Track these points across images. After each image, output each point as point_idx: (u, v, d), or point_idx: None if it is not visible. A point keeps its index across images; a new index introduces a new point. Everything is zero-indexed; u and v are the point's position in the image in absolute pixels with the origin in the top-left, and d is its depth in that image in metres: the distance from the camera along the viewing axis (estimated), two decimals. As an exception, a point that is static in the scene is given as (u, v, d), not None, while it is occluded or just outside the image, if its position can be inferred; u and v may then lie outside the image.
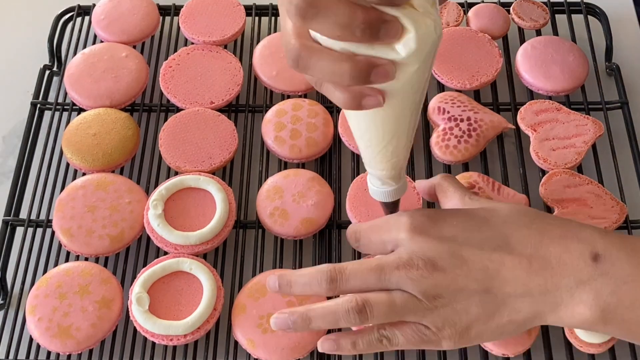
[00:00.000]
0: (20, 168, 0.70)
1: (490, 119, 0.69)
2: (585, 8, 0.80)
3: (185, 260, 0.62)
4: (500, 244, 0.52)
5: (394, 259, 0.52)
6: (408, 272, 0.51)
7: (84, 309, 0.60)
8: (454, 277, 0.51)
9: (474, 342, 0.53)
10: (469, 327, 0.51)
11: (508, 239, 0.52)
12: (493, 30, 0.77)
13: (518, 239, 0.52)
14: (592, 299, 0.50)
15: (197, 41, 0.77)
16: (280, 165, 0.70)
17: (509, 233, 0.52)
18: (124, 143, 0.69)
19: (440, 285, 0.51)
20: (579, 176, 0.66)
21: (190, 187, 0.66)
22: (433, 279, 0.51)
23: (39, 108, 0.75)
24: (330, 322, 0.52)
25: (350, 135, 0.70)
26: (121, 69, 0.74)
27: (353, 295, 0.52)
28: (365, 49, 0.43)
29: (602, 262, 0.50)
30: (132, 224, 0.65)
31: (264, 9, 0.81)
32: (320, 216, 0.65)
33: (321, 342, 0.54)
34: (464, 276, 0.51)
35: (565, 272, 0.50)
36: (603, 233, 0.52)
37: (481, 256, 0.51)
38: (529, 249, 0.51)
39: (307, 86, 0.73)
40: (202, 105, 0.72)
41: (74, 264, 0.63)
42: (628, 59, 0.79)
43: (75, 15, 0.81)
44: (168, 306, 0.61)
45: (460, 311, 0.51)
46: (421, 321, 0.52)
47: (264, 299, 0.61)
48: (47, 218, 0.67)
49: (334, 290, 0.53)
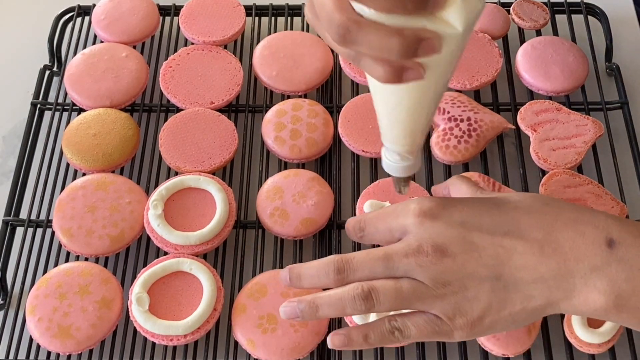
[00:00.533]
0: (20, 168, 0.70)
1: (490, 119, 0.69)
2: (585, 8, 0.80)
3: (185, 261, 0.62)
4: (511, 229, 0.50)
5: (403, 246, 0.51)
6: (417, 259, 0.50)
7: (84, 309, 0.60)
8: (463, 263, 0.50)
9: (487, 332, 0.51)
10: (482, 317, 0.50)
11: (519, 223, 0.50)
12: (493, 30, 0.77)
13: (530, 223, 0.50)
14: (607, 286, 0.48)
15: (197, 41, 0.77)
16: (280, 165, 0.70)
17: (520, 218, 0.51)
18: (124, 143, 0.69)
19: (450, 272, 0.50)
20: (579, 176, 0.67)
21: (190, 187, 0.66)
22: (442, 265, 0.50)
23: (39, 108, 0.75)
24: (337, 309, 0.52)
25: (351, 135, 0.70)
26: (121, 69, 0.74)
27: (360, 282, 0.51)
28: (413, 21, 0.43)
29: (617, 248, 0.48)
30: (132, 224, 0.65)
31: (264, 9, 0.81)
32: (320, 216, 0.65)
33: (331, 338, 0.53)
34: (474, 262, 0.50)
35: (579, 257, 0.49)
36: (618, 219, 0.50)
37: (492, 241, 0.50)
38: (541, 234, 0.50)
39: (307, 86, 0.74)
40: (202, 105, 0.72)
41: (74, 264, 0.63)
42: (628, 59, 0.79)
43: (75, 15, 0.81)
44: (168, 306, 0.61)
45: (471, 299, 0.49)
46: (431, 310, 0.50)
47: (264, 299, 0.61)
48: (47, 218, 0.67)
49: (341, 281, 0.52)
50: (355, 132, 0.70)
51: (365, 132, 0.70)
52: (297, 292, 0.61)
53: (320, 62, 0.74)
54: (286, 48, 0.75)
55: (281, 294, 0.61)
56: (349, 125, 0.70)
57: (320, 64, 0.74)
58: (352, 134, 0.70)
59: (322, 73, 0.74)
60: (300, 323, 0.59)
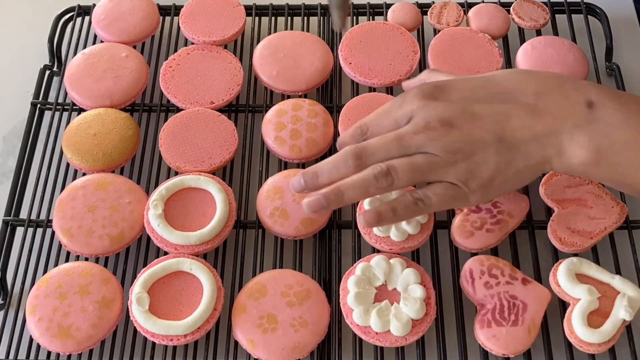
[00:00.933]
0: (20, 168, 0.70)
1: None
2: (585, 8, 0.80)
3: (185, 261, 0.62)
4: (505, 97, 0.57)
5: (412, 126, 0.56)
6: (427, 134, 0.55)
7: (84, 309, 0.60)
8: (469, 131, 0.55)
9: (498, 192, 0.57)
10: (492, 178, 0.55)
11: (512, 92, 0.57)
12: (493, 30, 0.77)
13: (520, 90, 0.57)
14: (588, 141, 0.54)
15: (197, 41, 0.77)
16: (280, 165, 0.70)
17: (511, 87, 0.57)
18: (124, 143, 0.69)
19: (458, 140, 0.55)
20: (579, 176, 0.67)
21: (190, 187, 0.66)
22: (450, 136, 0.55)
23: (39, 108, 0.75)
24: (361, 191, 0.56)
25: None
26: (121, 69, 0.74)
27: (377, 163, 0.56)
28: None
29: (595, 109, 0.55)
30: (132, 224, 0.65)
31: (264, 9, 0.81)
32: (320, 216, 0.65)
33: (363, 216, 0.58)
34: (478, 129, 0.55)
35: (565, 117, 0.55)
36: (596, 85, 0.57)
37: (491, 109, 0.56)
38: (532, 99, 0.56)
39: (307, 86, 0.74)
40: (202, 105, 0.72)
41: (74, 264, 0.63)
42: (628, 59, 0.79)
43: (75, 15, 0.81)
44: (168, 306, 0.61)
45: (479, 162, 0.55)
46: (445, 178, 0.56)
47: (264, 299, 0.61)
48: (47, 218, 0.67)
49: (361, 166, 0.56)
50: (355, 132, 0.70)
51: (365, 132, 0.70)
52: (297, 292, 0.61)
53: (320, 62, 0.74)
54: (286, 48, 0.75)
55: (281, 293, 0.61)
56: (349, 125, 0.70)
57: (320, 64, 0.74)
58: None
59: (322, 73, 0.74)
60: (300, 323, 0.59)
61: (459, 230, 0.64)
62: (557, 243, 0.64)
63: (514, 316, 0.59)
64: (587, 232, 0.63)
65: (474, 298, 0.61)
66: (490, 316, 0.60)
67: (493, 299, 0.60)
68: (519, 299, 0.60)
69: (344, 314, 0.61)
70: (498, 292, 0.60)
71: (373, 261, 0.62)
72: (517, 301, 0.60)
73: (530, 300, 0.60)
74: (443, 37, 0.76)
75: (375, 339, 0.59)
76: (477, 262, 0.62)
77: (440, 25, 0.78)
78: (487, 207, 0.64)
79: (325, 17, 0.80)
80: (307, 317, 0.60)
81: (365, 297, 0.60)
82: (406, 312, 0.59)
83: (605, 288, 0.60)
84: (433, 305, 0.60)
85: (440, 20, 0.78)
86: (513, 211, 0.65)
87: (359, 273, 0.61)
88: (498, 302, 0.60)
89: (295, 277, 0.62)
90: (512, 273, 0.61)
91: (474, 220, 0.64)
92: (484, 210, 0.64)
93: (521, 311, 0.60)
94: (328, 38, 0.79)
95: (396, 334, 0.59)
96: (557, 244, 0.64)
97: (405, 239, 0.63)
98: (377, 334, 0.59)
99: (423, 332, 0.60)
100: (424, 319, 0.60)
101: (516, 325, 0.59)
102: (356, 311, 0.60)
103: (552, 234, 0.64)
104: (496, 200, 0.65)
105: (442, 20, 0.78)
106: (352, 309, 0.60)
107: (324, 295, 0.62)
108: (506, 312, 0.60)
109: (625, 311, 0.58)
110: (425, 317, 0.60)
